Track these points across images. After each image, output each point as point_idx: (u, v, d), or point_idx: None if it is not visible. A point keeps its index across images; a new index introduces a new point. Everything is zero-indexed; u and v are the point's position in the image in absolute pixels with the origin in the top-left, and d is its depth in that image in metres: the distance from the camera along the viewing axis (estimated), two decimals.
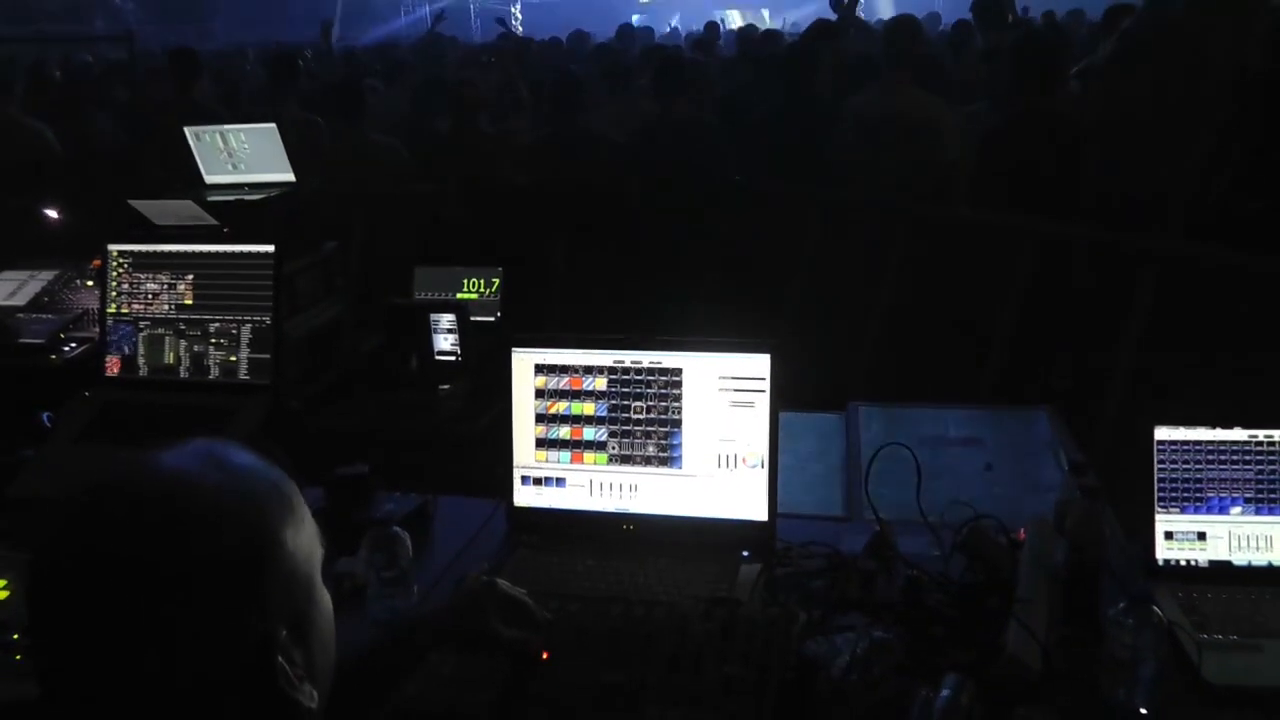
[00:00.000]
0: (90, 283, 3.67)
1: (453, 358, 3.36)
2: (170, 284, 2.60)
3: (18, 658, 1.67)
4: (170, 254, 2.61)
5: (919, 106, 4.46)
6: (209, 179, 4.05)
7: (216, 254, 2.58)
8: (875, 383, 3.66)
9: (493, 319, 3.69)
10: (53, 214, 4.17)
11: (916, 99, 4.49)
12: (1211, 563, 1.86)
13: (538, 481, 2.07)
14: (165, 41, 13.66)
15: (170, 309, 2.61)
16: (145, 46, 10.83)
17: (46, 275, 3.74)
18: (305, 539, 1.00)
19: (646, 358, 1.98)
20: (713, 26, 9.02)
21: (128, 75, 7.66)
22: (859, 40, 6.31)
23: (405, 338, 3.37)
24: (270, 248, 2.52)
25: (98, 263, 3.87)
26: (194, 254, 2.60)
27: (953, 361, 3.69)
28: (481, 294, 3.75)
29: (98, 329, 3.16)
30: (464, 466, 2.86)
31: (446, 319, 3.37)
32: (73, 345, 3.37)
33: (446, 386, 3.34)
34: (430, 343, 3.36)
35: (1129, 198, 3.57)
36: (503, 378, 2.06)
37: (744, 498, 1.98)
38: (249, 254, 2.54)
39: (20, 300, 3.64)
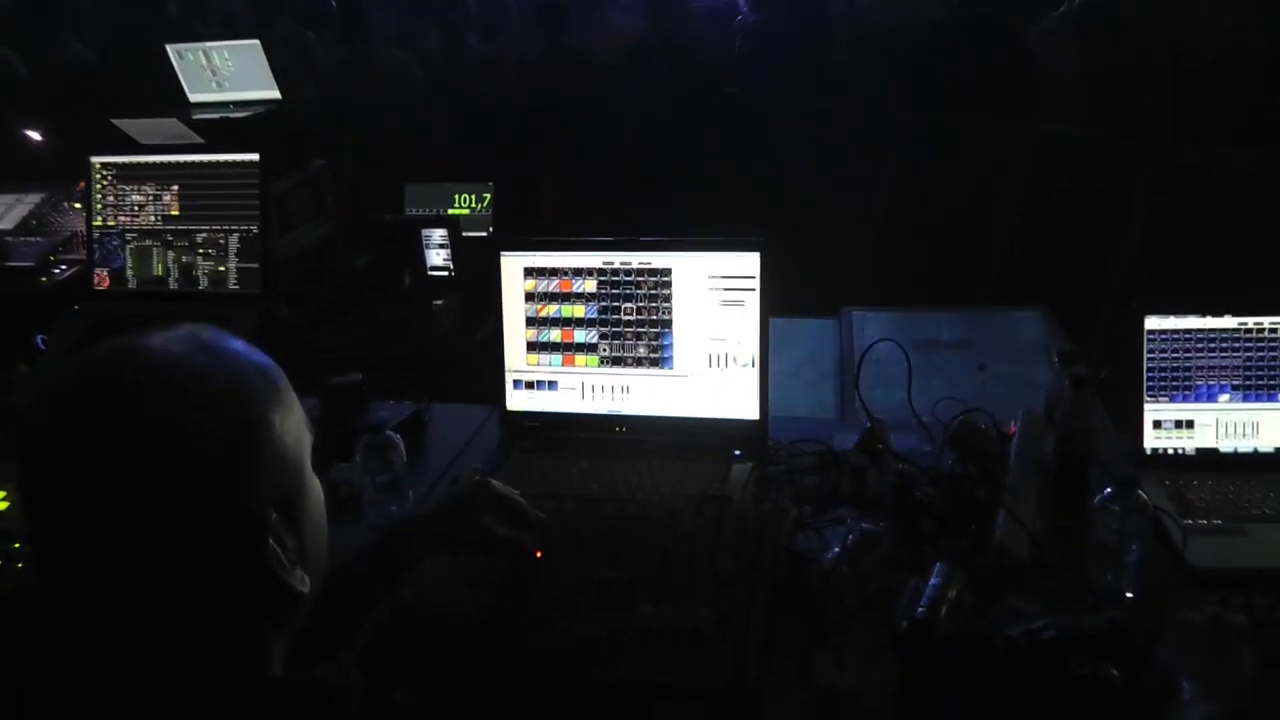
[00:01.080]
0: (78, 205, 3.63)
1: (445, 273, 3.35)
2: (155, 195, 2.57)
3: (19, 565, 1.69)
4: (154, 165, 2.58)
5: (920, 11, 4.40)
6: (193, 97, 3.99)
7: (201, 164, 2.55)
8: (870, 289, 3.65)
9: (484, 234, 3.66)
10: (35, 136, 4.12)
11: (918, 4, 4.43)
12: (1199, 450, 1.87)
13: (530, 385, 2.08)
14: None
15: (157, 220, 2.59)
16: None
17: (33, 198, 3.70)
18: (293, 424, 0.99)
19: (636, 258, 1.97)
20: None
21: None
22: None
23: (397, 254, 3.35)
24: (255, 156, 2.49)
25: (84, 185, 3.84)
26: (178, 164, 2.57)
27: (949, 266, 3.67)
28: (473, 209, 3.72)
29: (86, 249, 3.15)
30: (458, 378, 2.86)
31: (438, 234, 3.35)
32: (63, 267, 3.35)
33: (440, 301, 3.34)
34: (422, 259, 3.35)
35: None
36: (492, 276, 2.05)
37: (735, 397, 1.99)
38: (234, 163, 2.52)
39: (8, 224, 3.61)
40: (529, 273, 2.02)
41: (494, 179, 3.71)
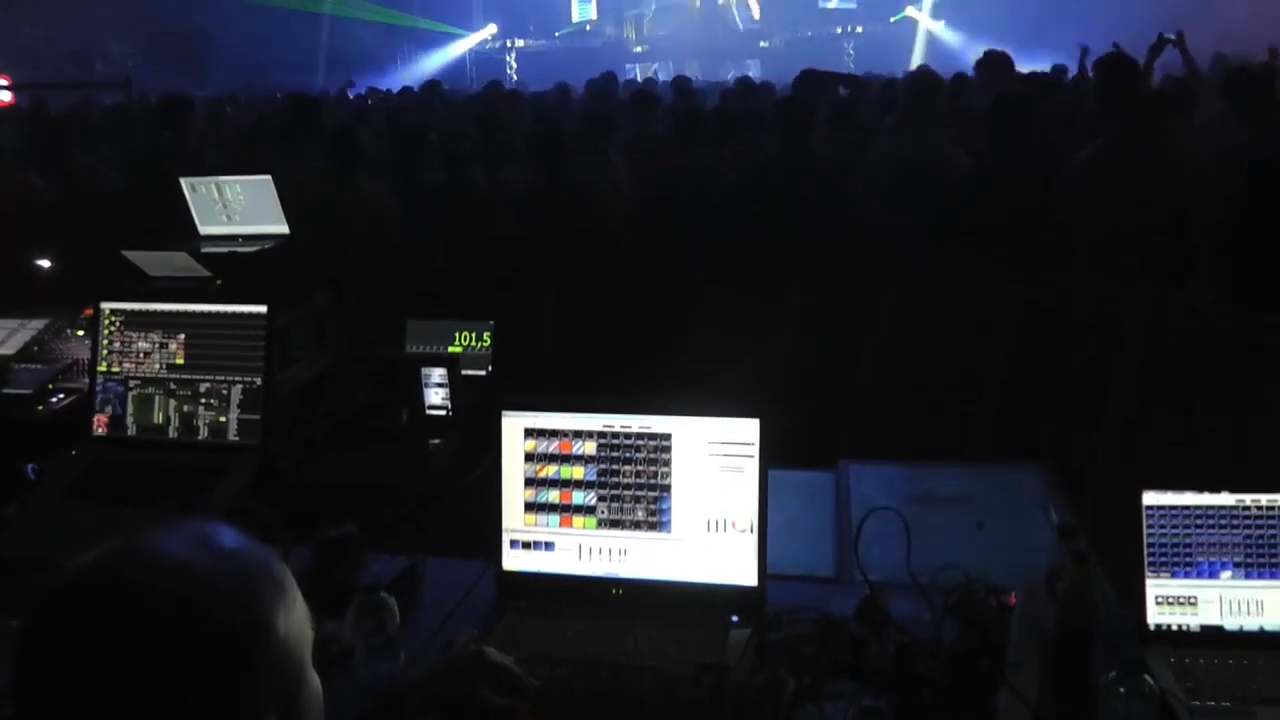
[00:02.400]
0: (81, 332, 3.66)
1: (443, 412, 3.36)
2: (162, 343, 2.59)
3: None
4: (163, 313, 2.61)
5: (953, 153, 4.55)
6: (203, 229, 4.05)
7: (209, 314, 2.58)
8: (866, 437, 3.66)
9: (484, 372, 3.69)
10: (45, 264, 4.17)
11: (942, 149, 4.58)
12: (1203, 627, 1.85)
13: (526, 545, 2.06)
14: (164, 86, 13.79)
15: (161, 368, 2.61)
16: (142, 88, 10.91)
17: (37, 324, 3.73)
18: (296, 622, 1.01)
19: (636, 422, 1.99)
20: (682, 79, 9.08)
21: (124, 120, 7.70)
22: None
23: (396, 391, 3.37)
24: (263, 308, 2.52)
25: (89, 312, 3.86)
26: (187, 313, 2.60)
27: (944, 415, 3.69)
28: (473, 347, 3.75)
29: (87, 380, 3.16)
30: (454, 520, 2.85)
31: (437, 373, 3.37)
32: (60, 396, 3.36)
33: (437, 441, 3.34)
34: (421, 397, 3.36)
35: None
36: (493, 435, 2.06)
37: (733, 562, 1.98)
38: (242, 314, 2.54)
39: (9, 349, 3.63)
40: (529, 433, 2.03)
41: (495, 313, 3.76)
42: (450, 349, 3.72)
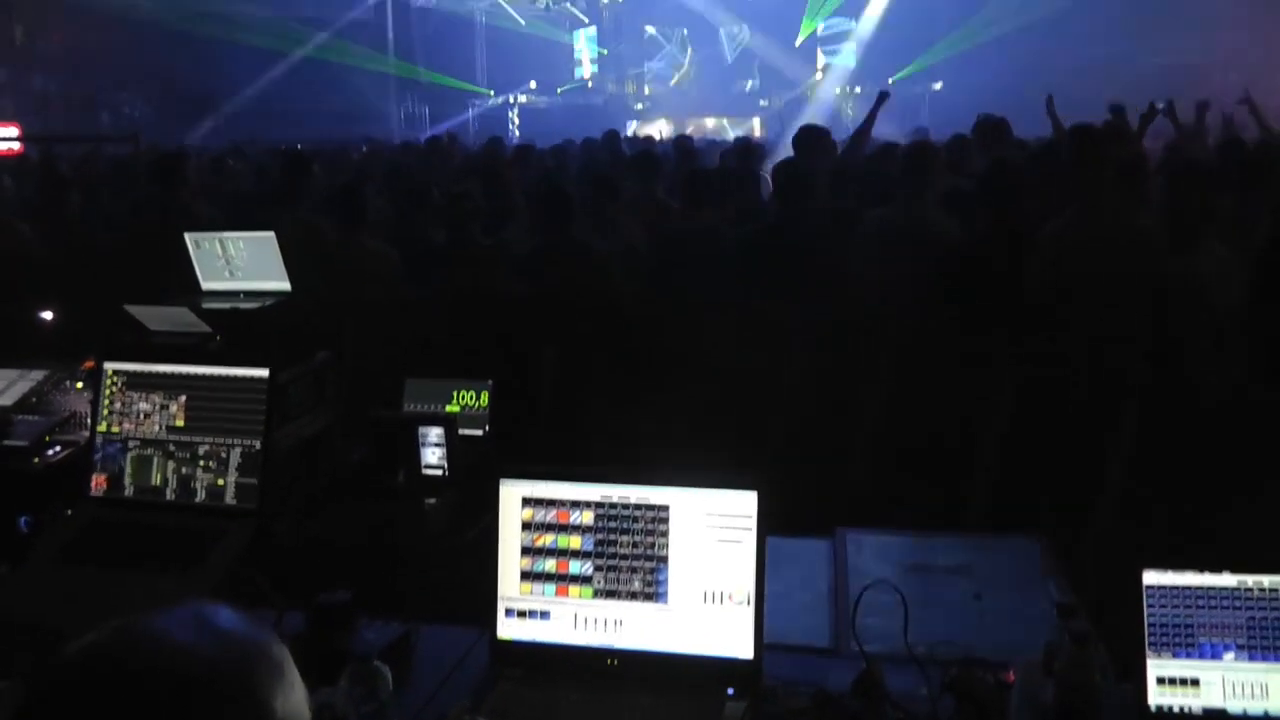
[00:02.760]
0: (80, 385, 3.66)
1: (440, 471, 3.35)
2: (163, 404, 2.60)
3: None
4: (165, 375, 2.61)
5: (945, 224, 4.57)
6: (205, 285, 4.08)
7: (211, 377, 2.58)
8: (863, 503, 3.65)
9: (481, 432, 3.68)
10: (47, 315, 4.19)
11: (936, 220, 4.60)
12: (1206, 710, 1.83)
13: (522, 614, 2.05)
14: (174, 138, 13.95)
15: (161, 430, 2.60)
16: (151, 141, 11.01)
17: (37, 375, 3.73)
18: (295, 704, 1.01)
19: (634, 493, 1.98)
20: (684, 139, 9.15)
21: (129, 174, 7.76)
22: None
23: (393, 450, 3.36)
24: (265, 372, 2.53)
25: (89, 364, 3.87)
26: (189, 376, 2.60)
27: (941, 484, 3.69)
28: (470, 406, 3.75)
29: (84, 433, 3.15)
30: (449, 581, 2.83)
31: (435, 433, 3.37)
32: (57, 449, 3.34)
33: (433, 500, 3.32)
34: (418, 456, 3.35)
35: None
36: (489, 499, 2.06)
37: (730, 634, 1.96)
38: (244, 378, 2.55)
39: (8, 400, 3.63)
40: (527, 502, 2.02)
41: (494, 373, 3.76)
42: (448, 408, 3.72)
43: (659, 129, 21.33)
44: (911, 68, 22.89)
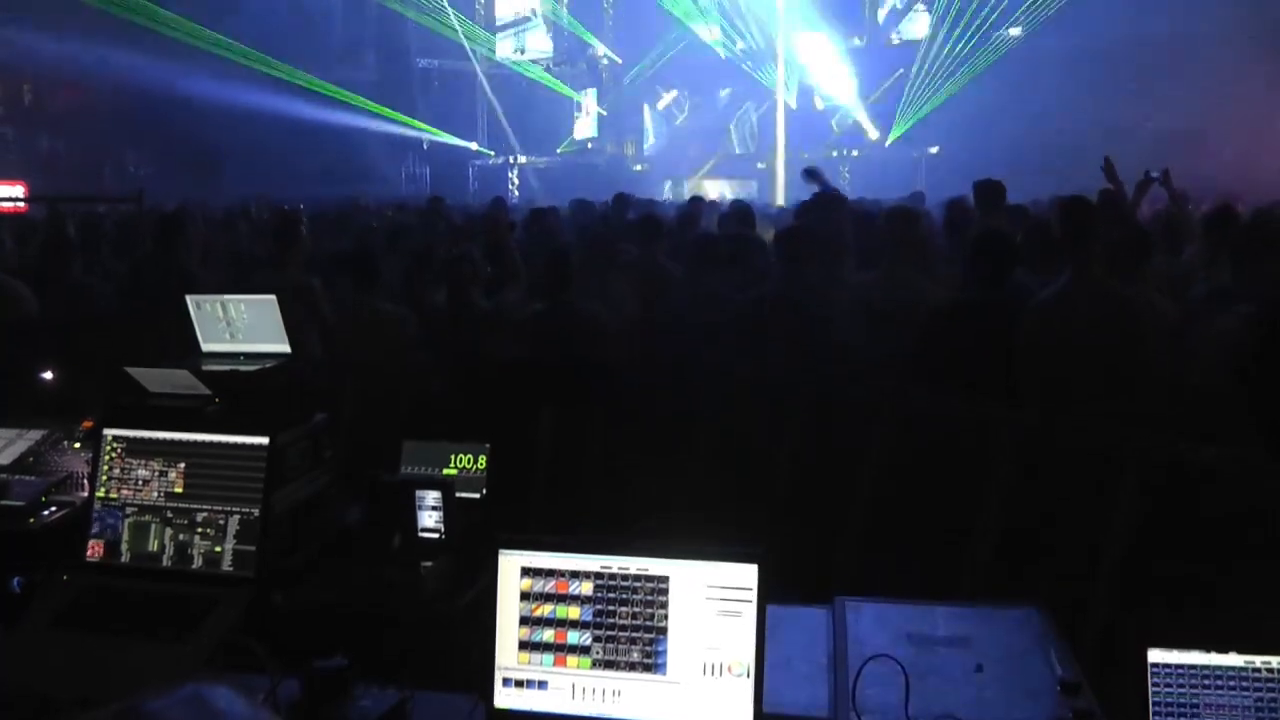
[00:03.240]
0: (78, 445, 3.66)
1: (436, 535, 3.33)
2: (162, 471, 2.60)
3: None
4: (165, 441, 2.62)
5: (921, 295, 4.60)
6: (205, 347, 4.07)
7: (211, 444, 2.58)
8: (861, 571, 3.64)
9: (478, 495, 3.67)
10: (47, 375, 4.19)
11: (920, 286, 4.63)
12: None
13: (519, 684, 2.03)
14: (178, 196, 14.06)
15: (159, 496, 2.60)
16: (155, 201, 11.10)
17: (35, 435, 3.73)
18: None
19: (634, 564, 1.98)
20: (696, 201, 9.20)
21: (132, 234, 7.82)
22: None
23: (389, 513, 3.35)
24: (265, 440, 2.53)
25: (88, 424, 3.87)
26: (189, 443, 2.60)
27: (940, 552, 3.67)
28: (468, 469, 3.75)
29: (82, 494, 3.14)
30: (444, 646, 2.80)
31: (432, 496, 3.36)
32: (53, 509, 3.33)
33: (429, 564, 3.30)
34: (414, 520, 3.34)
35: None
36: (487, 569, 2.05)
37: (729, 707, 1.95)
38: (243, 446, 2.55)
39: (5, 459, 3.62)
40: (525, 572, 2.02)
41: (492, 436, 3.76)
42: (445, 471, 3.71)
43: (659, 190, 21.56)
44: (904, 129, 23.22)
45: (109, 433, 2.67)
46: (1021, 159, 18.17)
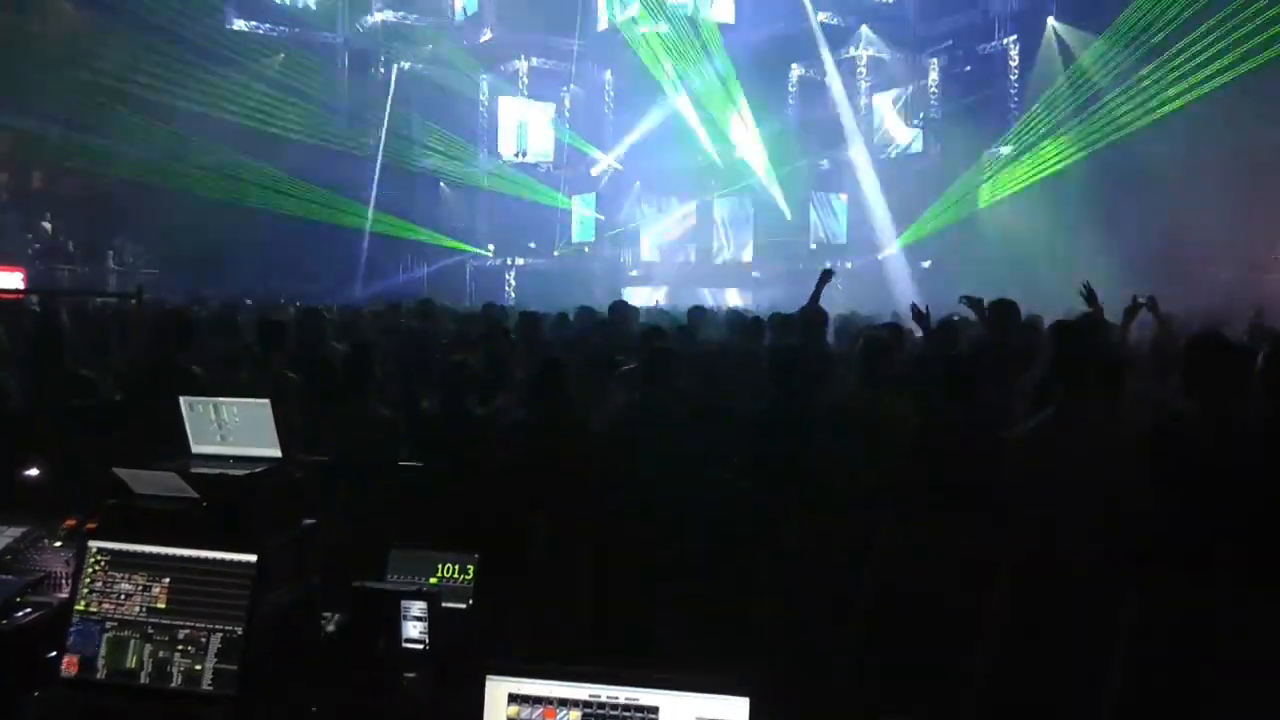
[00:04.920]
0: (59, 544, 3.61)
1: (420, 645, 3.28)
2: (146, 586, 2.55)
3: None
4: (151, 555, 2.57)
5: (901, 413, 4.60)
6: (195, 448, 4.04)
7: (198, 559, 2.54)
8: (854, 699, 3.57)
9: (464, 605, 3.62)
10: (32, 472, 4.15)
11: (899, 405, 4.63)
12: None
13: None
14: (178, 288, 14.17)
15: (141, 611, 2.55)
16: (154, 294, 11.19)
17: (14, 532, 3.68)
18: None
19: (623, 694, 1.94)
20: (698, 312, 9.21)
21: (130, 329, 7.84)
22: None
23: (374, 621, 3.30)
24: (253, 558, 2.49)
25: (70, 523, 3.82)
26: (175, 558, 2.56)
27: (931, 686, 3.61)
28: (454, 579, 3.70)
29: (59, 595, 3.09)
30: None
31: (417, 606, 3.32)
32: (28, 611, 3.26)
33: (411, 674, 3.24)
34: (398, 629, 3.29)
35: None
36: (473, 693, 2.01)
37: None
38: (231, 562, 2.51)
39: None
40: (513, 699, 1.98)
41: (480, 546, 3.72)
42: (431, 580, 3.67)
43: (654, 296, 21.78)
44: (900, 241, 23.59)
45: (93, 545, 2.64)
46: (1011, 274, 18.49)
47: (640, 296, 19.53)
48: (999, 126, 22.62)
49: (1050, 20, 22.11)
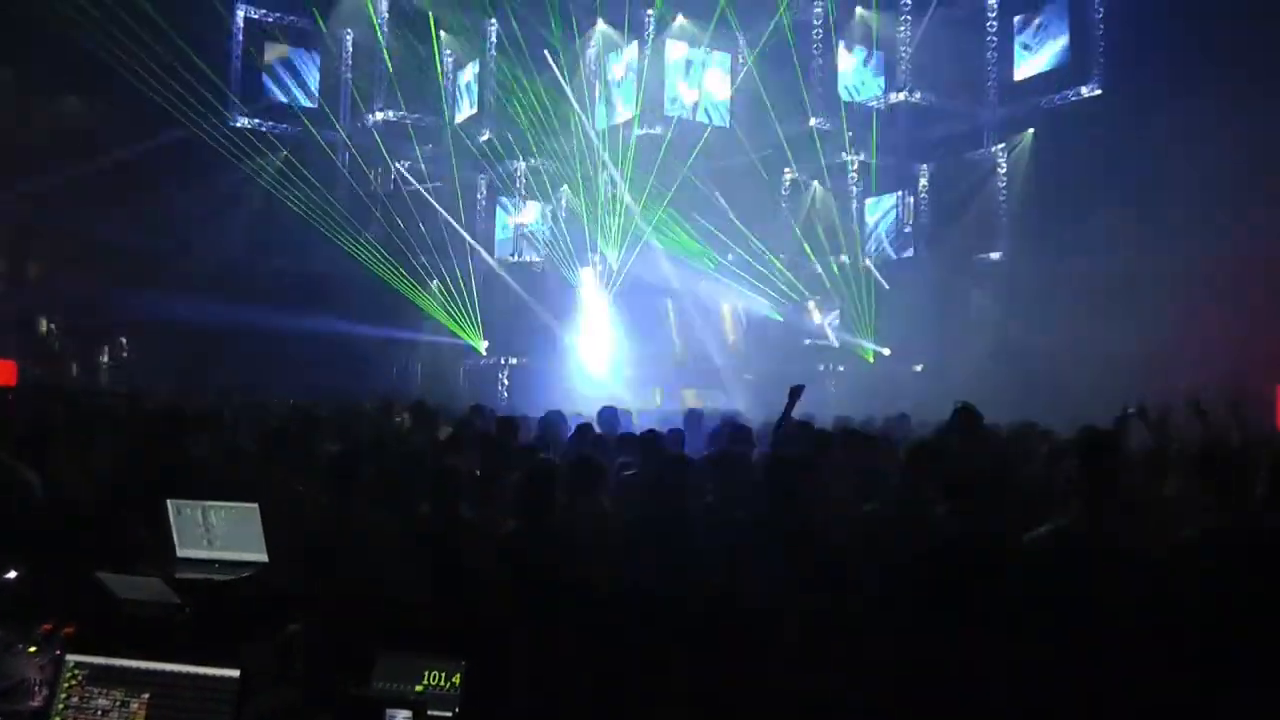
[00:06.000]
0: (34, 649, 3.54)
1: None
2: (124, 702, 2.49)
3: None
4: (130, 670, 2.52)
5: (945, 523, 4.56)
6: (181, 552, 4.01)
7: (179, 674, 2.49)
8: None
9: (450, 714, 3.55)
10: (10, 574, 4.08)
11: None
12: None
13: None
14: (173, 386, 14.14)
15: None
16: (149, 390, 11.19)
17: None
18: None
19: None
20: (695, 415, 9.18)
21: (121, 429, 7.82)
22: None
23: None
24: (235, 673, 2.44)
25: (48, 627, 3.75)
26: (155, 672, 2.50)
27: None
28: (440, 687, 3.63)
29: (31, 703, 3.02)
30: None
31: (402, 715, 3.27)
32: None
33: None
34: None
35: None
36: None
37: None
38: (213, 678, 2.46)
39: None
40: None
41: (468, 654, 3.66)
42: (417, 687, 3.61)
43: (649, 397, 21.79)
44: (889, 346, 23.74)
45: (71, 659, 2.58)
46: (1000, 380, 18.61)
47: (634, 396, 19.54)
48: (989, 232, 22.97)
49: (1030, 131, 22.67)
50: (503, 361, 24.86)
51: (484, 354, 25.38)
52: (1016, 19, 23.22)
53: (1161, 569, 3.85)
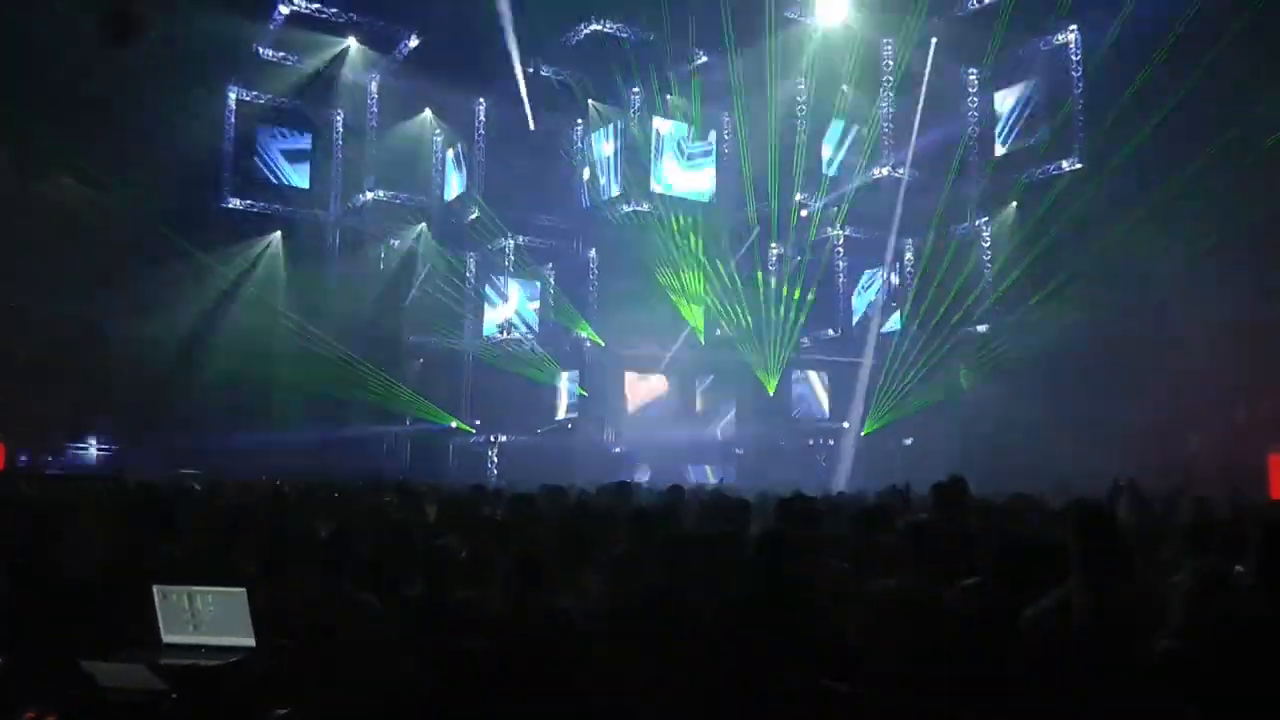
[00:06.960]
0: None
1: None
2: None
3: None
4: None
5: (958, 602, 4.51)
6: (167, 638, 3.94)
7: None
8: None
9: None
10: None
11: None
12: None
13: None
14: (156, 465, 14.05)
15: None
16: (134, 470, 11.12)
17: None
18: None
19: None
20: (678, 489, 9.20)
21: (105, 513, 7.72)
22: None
23: None
24: None
25: (31, 716, 3.68)
26: None
27: None
28: None
29: None
30: None
31: None
32: None
33: None
34: None
35: None
36: None
37: None
38: None
39: None
40: None
41: None
42: None
43: (637, 472, 21.73)
44: (879, 421, 23.78)
45: None
46: (986, 451, 18.62)
47: (624, 473, 19.47)
48: (975, 304, 23.16)
49: (1013, 205, 23.01)
50: (492, 439, 24.76)
51: (473, 432, 25.30)
52: (997, 94, 23.74)
53: (1164, 658, 3.80)
